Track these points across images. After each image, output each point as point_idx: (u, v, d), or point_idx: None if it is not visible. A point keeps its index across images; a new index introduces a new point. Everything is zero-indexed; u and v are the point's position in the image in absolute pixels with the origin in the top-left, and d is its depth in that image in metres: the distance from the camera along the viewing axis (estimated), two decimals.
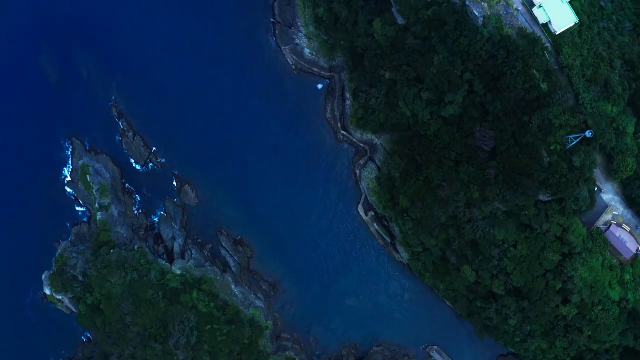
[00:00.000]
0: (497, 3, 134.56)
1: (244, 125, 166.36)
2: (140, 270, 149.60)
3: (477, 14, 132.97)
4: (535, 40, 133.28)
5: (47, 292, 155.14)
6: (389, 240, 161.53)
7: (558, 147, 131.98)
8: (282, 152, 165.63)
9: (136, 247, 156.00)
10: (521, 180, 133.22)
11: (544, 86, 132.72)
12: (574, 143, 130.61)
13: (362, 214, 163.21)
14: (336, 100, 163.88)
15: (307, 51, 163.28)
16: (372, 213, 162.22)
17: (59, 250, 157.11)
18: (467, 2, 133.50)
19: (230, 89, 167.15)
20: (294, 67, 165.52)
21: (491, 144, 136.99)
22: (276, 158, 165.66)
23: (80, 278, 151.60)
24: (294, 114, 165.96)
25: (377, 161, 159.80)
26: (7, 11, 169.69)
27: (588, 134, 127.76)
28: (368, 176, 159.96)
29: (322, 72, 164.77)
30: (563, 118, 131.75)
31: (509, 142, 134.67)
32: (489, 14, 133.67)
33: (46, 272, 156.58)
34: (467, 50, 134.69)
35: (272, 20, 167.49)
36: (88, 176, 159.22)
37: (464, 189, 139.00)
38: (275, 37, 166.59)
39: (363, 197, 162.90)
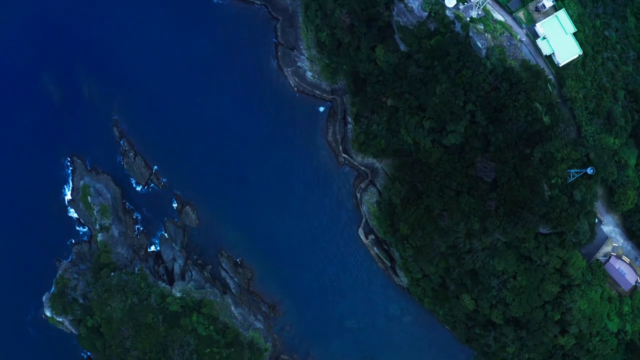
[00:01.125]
0: (500, 34, 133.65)
1: (245, 146, 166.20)
2: (140, 294, 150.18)
3: (480, 45, 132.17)
4: (539, 72, 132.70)
5: (48, 313, 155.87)
6: (388, 263, 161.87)
7: (559, 180, 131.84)
8: (283, 173, 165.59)
9: (136, 268, 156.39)
10: (521, 214, 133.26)
11: (546, 119, 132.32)
12: (575, 177, 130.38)
13: (363, 237, 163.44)
14: (338, 123, 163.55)
15: (309, 74, 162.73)
16: (372, 236, 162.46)
17: (60, 271, 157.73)
18: (471, 34, 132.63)
19: (231, 110, 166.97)
20: (295, 88, 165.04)
21: (492, 175, 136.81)
22: (277, 179, 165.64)
23: (81, 300, 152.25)
24: (296, 136, 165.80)
25: (378, 185, 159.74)
26: (10, 29, 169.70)
27: (589, 170, 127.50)
28: (369, 200, 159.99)
29: (324, 95, 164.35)
30: (565, 151, 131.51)
31: (510, 175, 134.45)
32: (492, 45, 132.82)
33: (47, 294, 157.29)
34: (470, 81, 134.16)
35: (275, 41, 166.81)
36: (89, 197, 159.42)
37: (464, 219, 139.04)
38: (277, 58, 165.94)
39: (363, 220, 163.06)
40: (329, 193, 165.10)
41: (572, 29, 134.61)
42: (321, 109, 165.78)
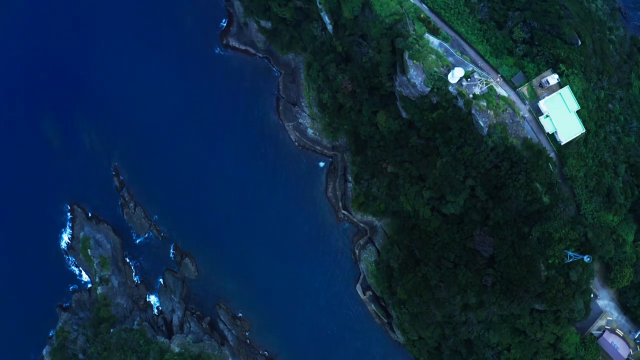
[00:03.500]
0: (503, 111, 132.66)
1: (245, 198, 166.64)
2: (140, 351, 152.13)
3: (482, 124, 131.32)
4: (540, 151, 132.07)
5: None
6: (385, 320, 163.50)
7: (556, 260, 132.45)
8: (282, 227, 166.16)
9: (135, 322, 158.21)
10: (517, 292, 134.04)
11: (545, 199, 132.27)
12: (572, 260, 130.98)
13: (360, 292, 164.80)
14: (338, 180, 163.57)
15: (310, 131, 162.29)
16: (370, 293, 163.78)
17: (60, 323, 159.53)
18: (473, 111, 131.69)
19: (232, 161, 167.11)
20: (296, 143, 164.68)
21: (490, 250, 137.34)
22: (276, 233, 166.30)
23: (81, 356, 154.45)
24: (296, 190, 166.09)
25: (376, 244, 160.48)
26: (13, 73, 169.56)
27: (586, 259, 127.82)
28: (367, 258, 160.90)
29: (325, 150, 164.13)
30: (563, 231, 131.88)
31: (508, 252, 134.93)
32: (494, 122, 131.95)
33: (47, 347, 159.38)
34: (471, 158, 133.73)
35: (276, 94, 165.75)
36: (89, 250, 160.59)
37: (461, 292, 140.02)
38: (278, 112, 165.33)
39: (362, 276, 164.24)
40: (328, 248, 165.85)
41: (575, 106, 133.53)
42: (321, 164, 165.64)
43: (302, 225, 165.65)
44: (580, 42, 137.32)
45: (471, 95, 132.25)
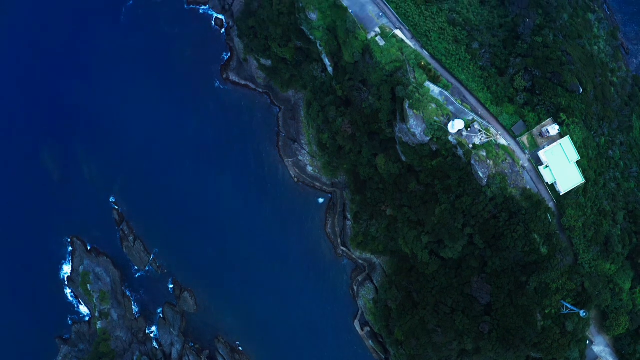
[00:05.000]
0: (503, 161, 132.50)
1: (244, 232, 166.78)
2: None
3: (481, 174, 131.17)
4: (539, 202, 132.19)
5: None
6: (383, 356, 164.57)
7: (553, 311, 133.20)
8: (281, 261, 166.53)
9: (135, 357, 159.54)
10: (514, 341, 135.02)
11: (543, 250, 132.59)
12: (568, 312, 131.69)
13: (358, 328, 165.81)
14: (337, 216, 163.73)
15: (309, 168, 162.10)
16: (368, 329, 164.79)
17: (60, 357, 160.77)
18: (473, 161, 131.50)
19: (231, 196, 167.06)
20: (296, 179, 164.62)
21: (487, 298, 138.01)
22: (275, 267, 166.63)
23: None
24: (295, 225, 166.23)
25: (375, 281, 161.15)
26: (13, 105, 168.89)
27: (582, 314, 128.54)
28: (365, 296, 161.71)
29: (324, 187, 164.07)
30: (560, 282, 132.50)
31: (505, 301, 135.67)
32: (493, 172, 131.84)
33: None
34: (469, 208, 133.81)
35: (276, 129, 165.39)
36: (89, 285, 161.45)
37: (458, 338, 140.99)
38: (278, 147, 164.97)
39: (360, 312, 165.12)
40: (327, 283, 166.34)
41: (575, 157, 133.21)
42: (321, 200, 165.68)
43: (301, 260, 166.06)
44: (581, 90, 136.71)
45: (471, 145, 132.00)
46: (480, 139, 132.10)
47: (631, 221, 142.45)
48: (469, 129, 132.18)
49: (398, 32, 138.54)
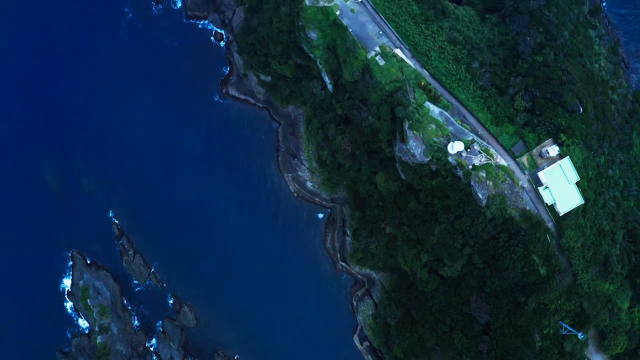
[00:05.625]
0: (502, 181, 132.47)
1: (243, 247, 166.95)
2: None
3: (480, 195, 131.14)
4: (538, 223, 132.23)
5: None
6: None
7: (551, 331, 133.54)
8: (281, 276, 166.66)
9: None
10: None
11: (542, 271, 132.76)
12: (566, 332, 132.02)
13: (357, 343, 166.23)
14: (336, 231, 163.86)
15: (309, 184, 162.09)
16: (367, 343, 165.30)
17: None
18: (472, 182, 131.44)
19: (230, 210, 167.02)
20: (295, 194, 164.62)
21: (486, 317, 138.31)
22: (275, 282, 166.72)
23: None
24: (294, 239, 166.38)
25: (374, 296, 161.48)
26: (12, 119, 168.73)
27: (580, 336, 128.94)
28: (365, 311, 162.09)
29: (324, 202, 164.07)
30: (559, 302, 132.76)
31: (504, 321, 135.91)
32: (493, 193, 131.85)
33: None
34: (469, 229, 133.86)
35: (276, 144, 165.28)
36: (88, 300, 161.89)
37: (456, 357, 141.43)
38: (277, 162, 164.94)
39: (359, 327, 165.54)
40: (327, 298, 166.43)
41: (575, 178, 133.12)
42: (320, 215, 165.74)
43: (301, 274, 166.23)
44: (581, 110, 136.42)
45: (470, 167, 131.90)
46: (480, 160, 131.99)
47: (630, 240, 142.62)
48: (468, 150, 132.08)
49: (398, 52, 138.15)
